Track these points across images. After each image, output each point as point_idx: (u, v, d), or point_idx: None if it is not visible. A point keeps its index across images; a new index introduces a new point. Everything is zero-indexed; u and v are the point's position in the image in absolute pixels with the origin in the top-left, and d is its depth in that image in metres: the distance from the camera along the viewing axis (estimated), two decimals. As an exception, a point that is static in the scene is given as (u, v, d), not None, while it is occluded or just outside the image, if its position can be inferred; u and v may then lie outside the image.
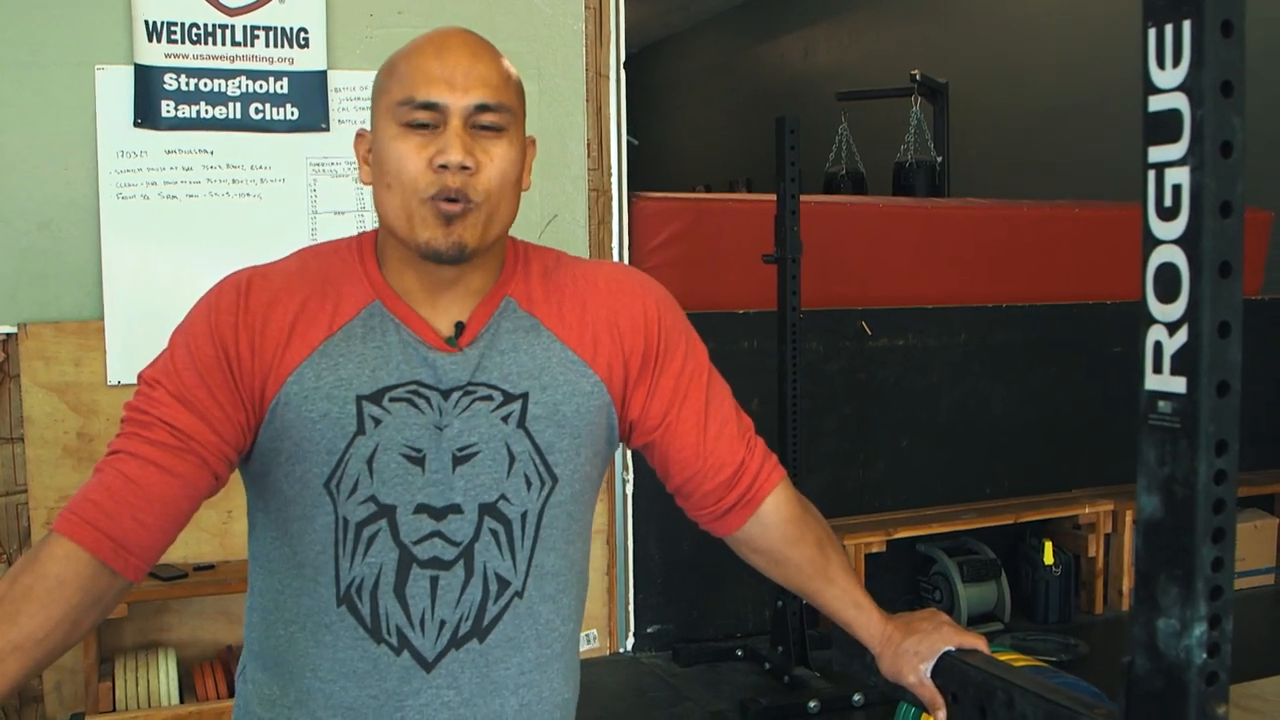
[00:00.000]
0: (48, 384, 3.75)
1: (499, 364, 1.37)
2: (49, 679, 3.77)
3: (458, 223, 1.30)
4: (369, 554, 1.33)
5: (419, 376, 1.34)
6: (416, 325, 1.36)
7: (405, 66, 1.32)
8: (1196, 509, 0.95)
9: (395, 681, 1.35)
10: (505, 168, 1.32)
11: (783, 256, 4.20)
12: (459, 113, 1.29)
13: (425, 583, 1.34)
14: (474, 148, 1.29)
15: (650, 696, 4.20)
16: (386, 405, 1.32)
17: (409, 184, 1.30)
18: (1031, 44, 8.15)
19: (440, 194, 1.29)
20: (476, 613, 1.36)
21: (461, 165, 1.28)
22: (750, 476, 1.48)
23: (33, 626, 1.17)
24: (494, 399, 1.35)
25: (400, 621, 1.34)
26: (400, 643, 1.34)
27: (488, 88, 1.30)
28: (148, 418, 1.28)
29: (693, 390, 1.46)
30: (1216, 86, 0.92)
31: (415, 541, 1.33)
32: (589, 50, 4.44)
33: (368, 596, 1.33)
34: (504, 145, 1.32)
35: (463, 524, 1.34)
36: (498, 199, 1.32)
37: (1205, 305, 0.93)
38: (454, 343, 1.36)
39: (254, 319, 1.32)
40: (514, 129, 1.34)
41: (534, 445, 1.36)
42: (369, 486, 1.32)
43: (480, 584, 1.35)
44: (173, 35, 3.83)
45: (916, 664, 1.39)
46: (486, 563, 1.35)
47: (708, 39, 13.20)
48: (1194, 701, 0.97)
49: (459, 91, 1.29)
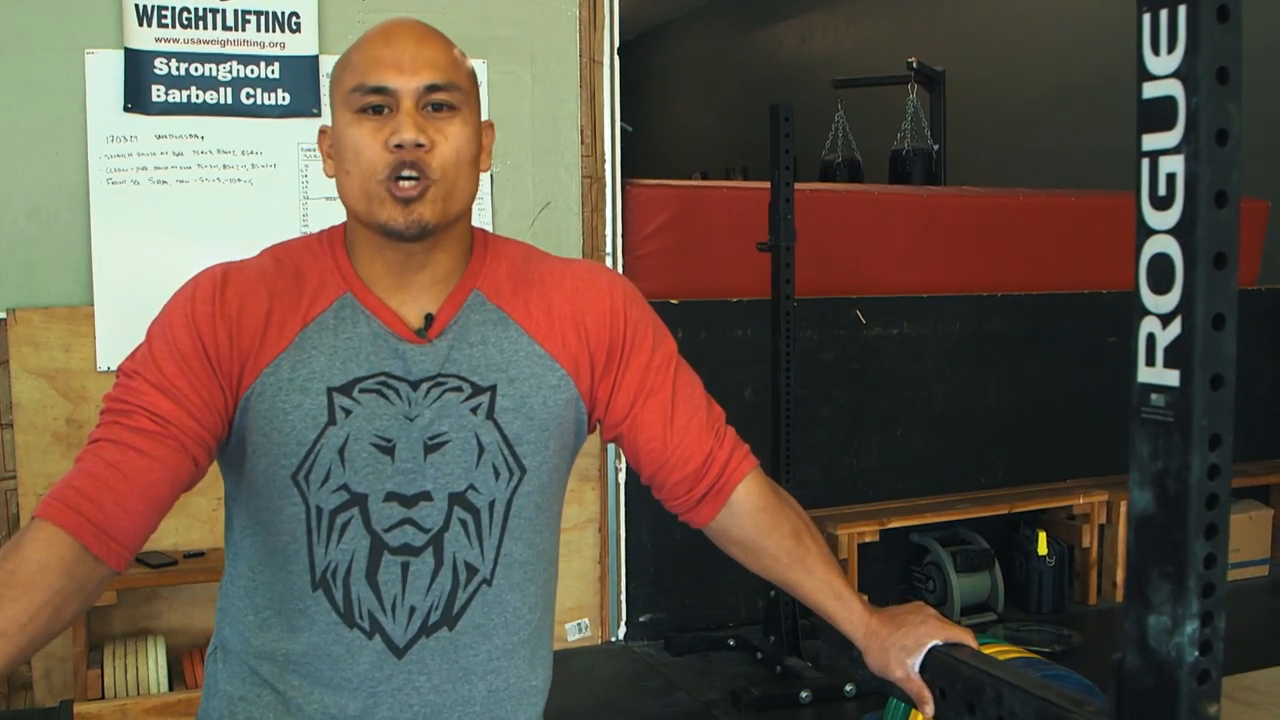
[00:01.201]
0: (37, 370, 3.73)
1: (468, 356, 1.40)
2: (38, 666, 3.76)
3: (416, 203, 1.33)
4: (342, 541, 1.36)
5: (388, 368, 1.37)
6: (386, 317, 1.39)
7: (356, 57, 1.36)
8: (1189, 504, 0.94)
9: (367, 666, 1.38)
10: (460, 144, 1.35)
11: (777, 244, 4.19)
12: (410, 94, 1.33)
13: (396, 569, 1.36)
14: (427, 126, 1.33)
15: (642, 686, 4.20)
16: (357, 396, 1.35)
17: (366, 166, 1.33)
18: (1028, 31, 8.14)
19: (395, 172, 1.32)
20: (446, 601, 1.38)
21: (416, 143, 1.31)
22: (719, 466, 1.49)
23: (14, 612, 1.16)
24: (463, 390, 1.38)
25: (372, 606, 1.37)
26: (372, 627, 1.37)
27: (435, 69, 1.34)
28: (127, 406, 1.29)
29: (659, 383, 1.49)
30: (1212, 73, 0.91)
31: (386, 529, 1.36)
32: (583, 36, 4.41)
33: (341, 582, 1.36)
34: (457, 124, 1.35)
35: (432, 511, 1.37)
36: (454, 175, 1.35)
37: (1199, 297, 0.92)
38: (423, 334, 1.39)
39: (230, 309, 1.35)
40: (467, 109, 1.37)
41: (503, 436, 1.39)
42: (341, 475, 1.35)
43: (450, 572, 1.38)
44: (163, 19, 3.80)
45: (904, 658, 1.38)
46: (456, 552, 1.38)
47: (704, 25, 13.17)
48: (1185, 700, 0.96)
49: (407, 74, 1.33)
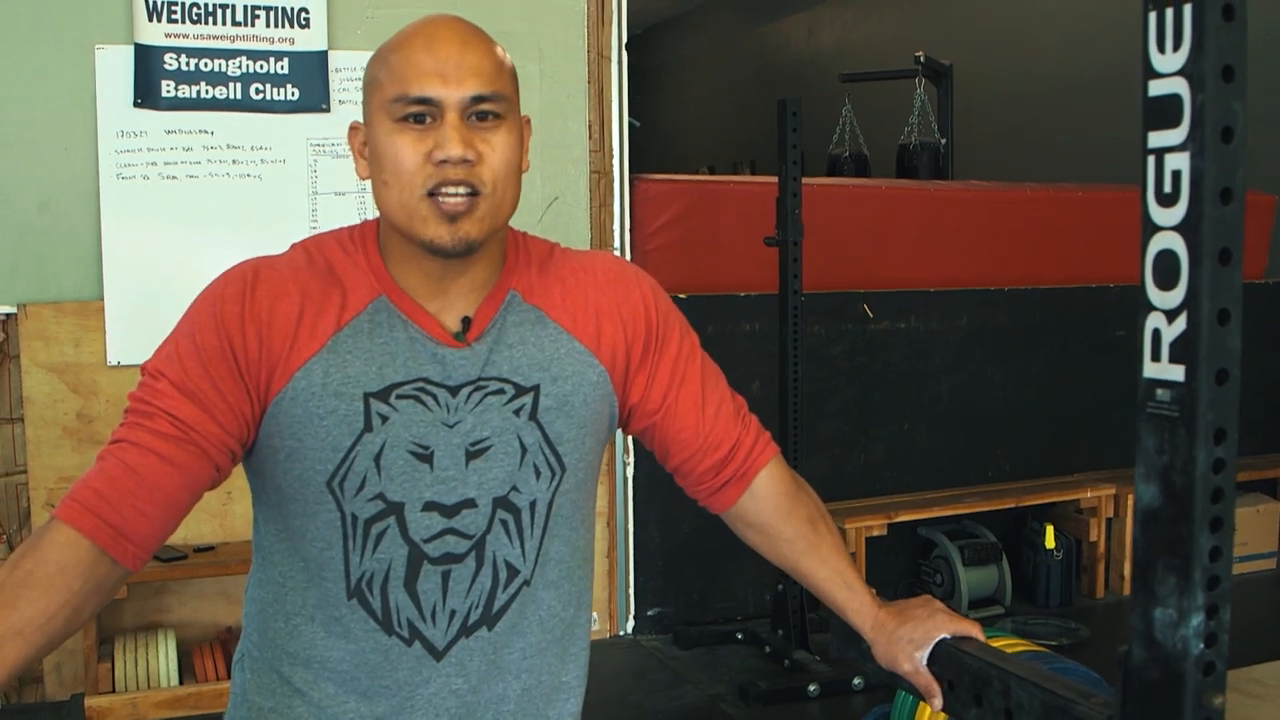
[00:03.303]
0: (47, 364, 3.75)
1: (508, 357, 1.37)
2: (49, 660, 3.77)
3: (464, 219, 1.28)
4: (378, 550, 1.33)
5: (426, 374, 1.34)
6: (423, 321, 1.35)
7: (396, 60, 1.30)
8: (1194, 498, 0.95)
9: (406, 672, 1.36)
10: (508, 154, 1.31)
11: (784, 239, 4.19)
12: (455, 105, 1.27)
13: (437, 578, 1.35)
14: (473, 139, 1.28)
15: (650, 679, 4.20)
16: (394, 403, 1.32)
17: (407, 180, 1.28)
18: (1035, 25, 8.12)
19: (440, 186, 1.27)
20: (486, 600, 1.37)
21: (463, 159, 1.27)
22: (745, 451, 1.50)
23: (33, 612, 1.16)
24: (505, 393, 1.36)
25: (411, 615, 1.35)
26: (411, 634, 1.36)
27: (480, 77, 1.28)
28: (150, 408, 1.27)
29: (689, 372, 1.49)
30: (1218, 71, 0.91)
31: (426, 540, 1.34)
32: (590, 31, 4.41)
33: (378, 590, 1.34)
34: (503, 133, 1.31)
35: (476, 517, 1.35)
36: (504, 187, 1.31)
37: (1204, 293, 0.93)
38: (462, 338, 1.36)
39: (261, 310, 1.31)
40: (511, 115, 1.32)
41: (544, 436, 1.38)
42: (376, 484, 1.32)
43: (490, 572, 1.36)
44: (173, 14, 3.81)
45: (911, 651, 1.39)
46: (497, 552, 1.37)
47: (712, 20, 13.16)
48: (1190, 691, 0.97)
49: (452, 84, 1.27)
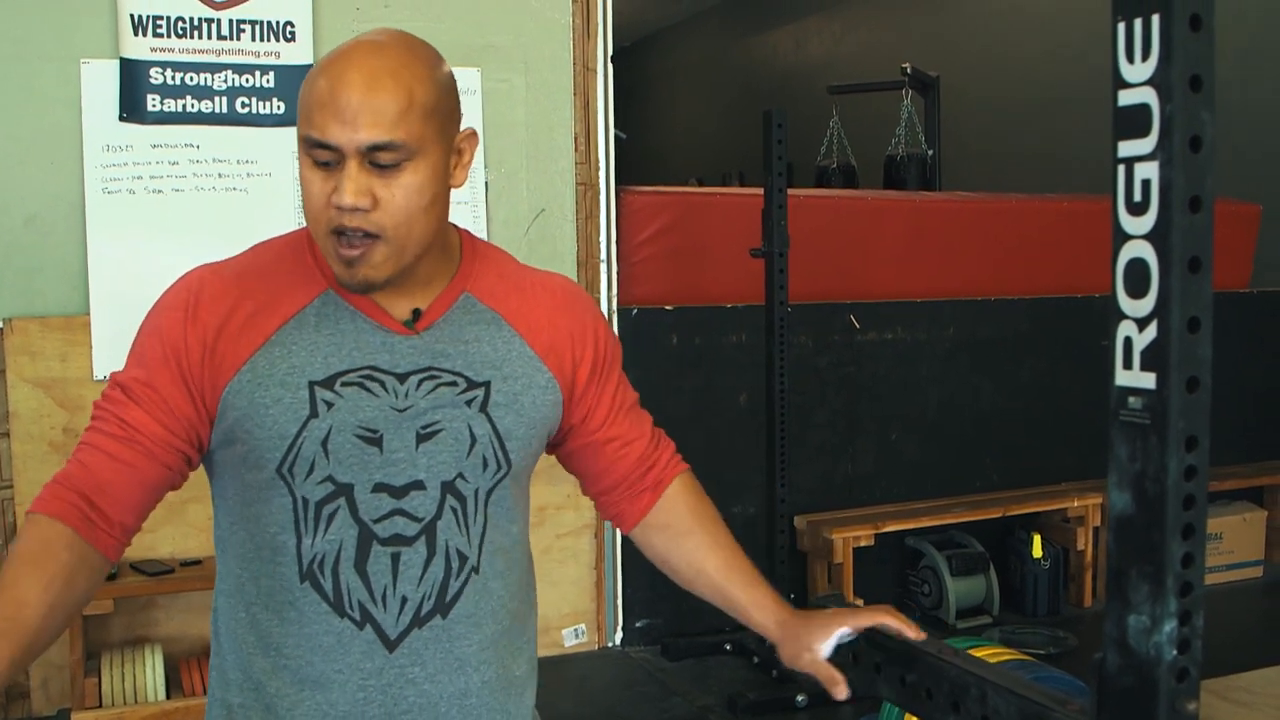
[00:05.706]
0: (34, 379, 3.74)
1: (463, 352, 1.42)
2: (35, 675, 3.76)
3: (359, 264, 1.31)
4: (329, 531, 1.37)
5: (374, 361, 1.38)
6: (372, 311, 1.40)
7: (308, 95, 1.29)
8: (1167, 505, 0.95)
9: (358, 656, 1.38)
10: (410, 197, 1.29)
11: (770, 251, 4.20)
12: (353, 152, 1.26)
13: (386, 559, 1.37)
14: (373, 185, 1.28)
15: (639, 691, 4.20)
16: (339, 390, 1.36)
17: (315, 217, 1.31)
18: (1022, 37, 8.15)
19: (337, 230, 1.29)
20: (439, 590, 1.39)
21: (354, 208, 1.27)
22: (662, 466, 1.59)
23: (30, 581, 1.25)
24: (458, 385, 1.40)
25: (363, 597, 1.37)
26: (363, 617, 1.37)
27: (379, 125, 1.26)
28: (103, 412, 1.38)
29: (624, 395, 1.58)
30: (1185, 81, 0.92)
31: (375, 520, 1.37)
32: (576, 44, 4.43)
33: (329, 572, 1.37)
34: (407, 174, 1.29)
35: (425, 500, 1.38)
36: (405, 229, 1.31)
37: (1174, 301, 0.94)
38: (411, 325, 1.40)
39: (204, 315, 1.37)
40: (422, 153, 1.30)
41: (494, 430, 1.42)
42: (325, 467, 1.36)
43: (442, 561, 1.39)
44: (158, 29, 3.82)
45: (813, 644, 1.45)
46: (449, 540, 1.40)
47: (700, 32, 13.19)
48: (1164, 698, 0.98)
49: (349, 129, 1.26)
